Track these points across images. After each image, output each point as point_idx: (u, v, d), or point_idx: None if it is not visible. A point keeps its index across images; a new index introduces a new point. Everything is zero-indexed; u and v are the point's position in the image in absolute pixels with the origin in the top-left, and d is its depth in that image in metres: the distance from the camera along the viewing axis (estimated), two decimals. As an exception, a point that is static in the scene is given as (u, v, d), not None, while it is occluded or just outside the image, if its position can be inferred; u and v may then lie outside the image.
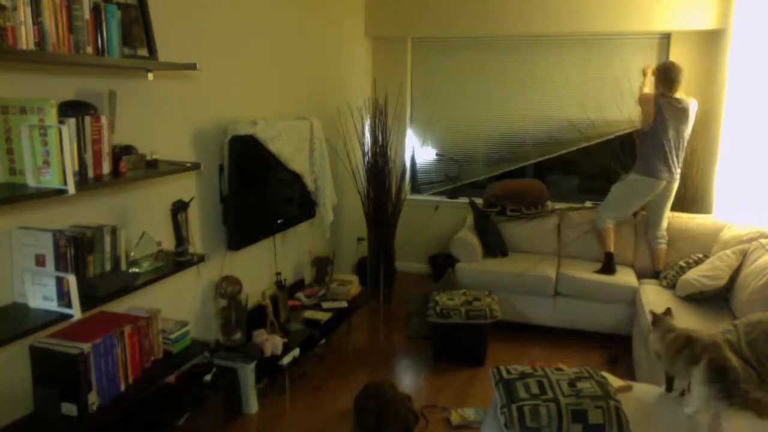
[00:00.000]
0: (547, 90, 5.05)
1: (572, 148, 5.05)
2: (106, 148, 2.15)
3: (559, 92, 5.02)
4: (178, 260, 2.59)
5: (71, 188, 1.92)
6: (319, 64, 4.34)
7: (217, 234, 3.23)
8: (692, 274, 3.57)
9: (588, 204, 4.94)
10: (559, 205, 4.80)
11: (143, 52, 2.42)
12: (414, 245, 5.58)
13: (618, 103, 4.88)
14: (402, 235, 5.54)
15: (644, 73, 4.32)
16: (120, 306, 2.54)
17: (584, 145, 5.00)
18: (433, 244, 5.52)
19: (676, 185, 4.06)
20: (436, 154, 5.46)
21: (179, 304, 2.96)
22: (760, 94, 3.76)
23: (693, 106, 3.96)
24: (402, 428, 2.84)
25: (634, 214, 4.35)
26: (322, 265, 4.24)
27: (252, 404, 3.11)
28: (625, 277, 4.04)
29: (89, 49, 2.07)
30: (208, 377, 2.91)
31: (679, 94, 3.96)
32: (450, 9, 4.94)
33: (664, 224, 4.20)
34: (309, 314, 3.69)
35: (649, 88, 4.21)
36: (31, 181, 1.94)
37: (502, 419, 2.06)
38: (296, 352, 3.28)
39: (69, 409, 2.08)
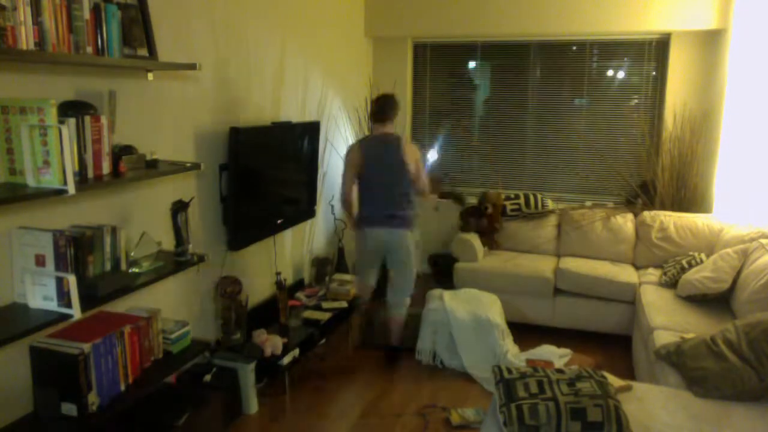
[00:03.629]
0: (546, 89, 5.05)
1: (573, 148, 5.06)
2: (106, 148, 2.15)
3: (559, 92, 5.02)
4: (178, 260, 2.59)
5: (71, 188, 1.92)
6: (319, 65, 4.34)
7: (217, 234, 3.23)
8: (694, 275, 3.56)
9: (588, 203, 4.94)
10: (560, 205, 4.81)
11: (143, 52, 2.42)
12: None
13: (617, 103, 4.88)
14: (402, 235, 5.53)
15: None
16: (120, 306, 2.54)
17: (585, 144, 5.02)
18: (433, 244, 5.52)
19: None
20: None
21: (179, 304, 2.97)
22: (760, 95, 3.76)
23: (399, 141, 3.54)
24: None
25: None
26: (322, 265, 4.25)
27: (252, 404, 3.11)
28: (625, 274, 4.04)
29: (89, 49, 2.08)
30: (208, 377, 2.91)
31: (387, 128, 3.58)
32: (450, 9, 4.94)
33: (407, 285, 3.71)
34: (309, 314, 3.69)
35: None
36: (31, 181, 1.94)
37: (501, 417, 2.06)
38: (296, 352, 3.28)
39: (69, 409, 2.08)
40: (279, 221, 3.60)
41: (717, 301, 3.50)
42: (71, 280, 1.98)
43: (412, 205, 3.59)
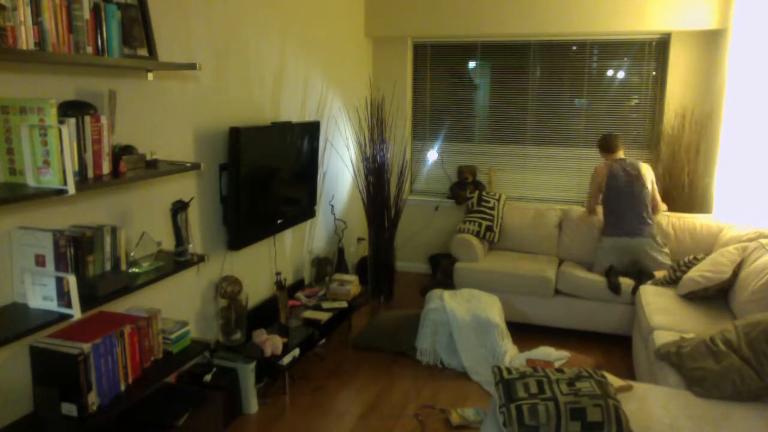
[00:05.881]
0: (546, 89, 5.05)
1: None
2: (106, 148, 2.15)
3: (559, 92, 5.02)
4: (178, 260, 2.59)
5: (71, 188, 1.92)
6: (319, 65, 4.34)
7: (217, 234, 3.24)
8: (693, 273, 3.57)
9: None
10: (559, 205, 4.81)
11: (143, 52, 2.42)
12: (414, 245, 5.58)
13: (617, 103, 4.88)
14: (402, 235, 5.54)
15: None
16: (120, 306, 2.54)
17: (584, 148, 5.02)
18: (433, 244, 5.52)
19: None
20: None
21: (179, 304, 2.97)
22: (760, 95, 3.76)
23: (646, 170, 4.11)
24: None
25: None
26: (322, 265, 4.25)
27: (252, 404, 3.11)
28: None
29: (89, 49, 2.08)
30: (208, 377, 2.91)
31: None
32: (450, 9, 4.95)
33: None
34: (309, 314, 3.69)
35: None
36: (31, 181, 1.94)
37: (500, 418, 2.06)
38: (296, 352, 3.28)
39: (69, 409, 2.08)
40: (279, 221, 3.60)
41: (717, 301, 3.50)
42: (71, 280, 1.98)
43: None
